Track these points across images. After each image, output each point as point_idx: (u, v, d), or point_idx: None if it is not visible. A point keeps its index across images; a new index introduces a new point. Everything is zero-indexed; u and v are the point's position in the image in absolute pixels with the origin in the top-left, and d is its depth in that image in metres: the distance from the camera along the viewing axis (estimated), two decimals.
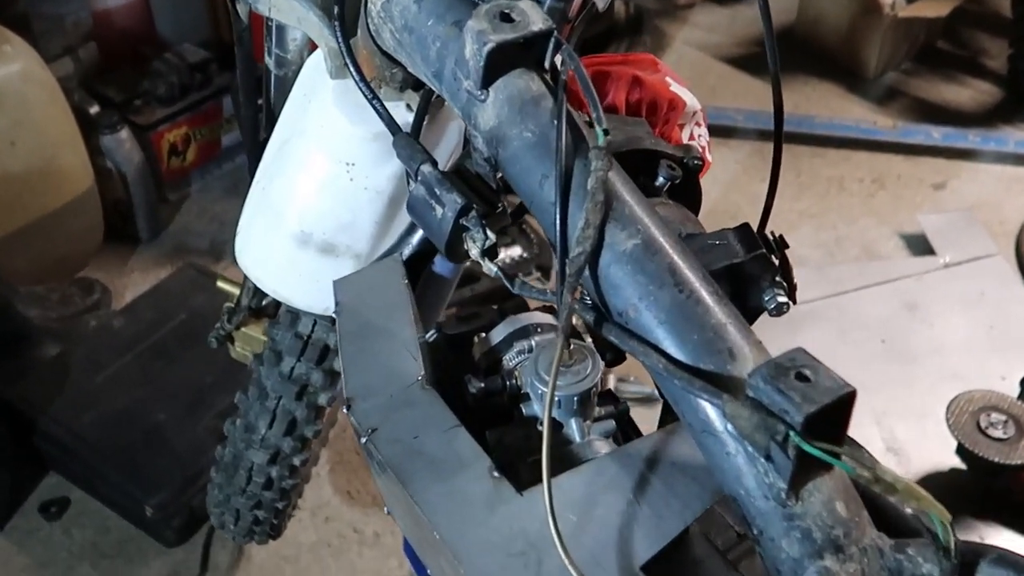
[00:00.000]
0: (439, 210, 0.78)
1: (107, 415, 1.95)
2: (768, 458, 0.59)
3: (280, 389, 1.24)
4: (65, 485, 2.00)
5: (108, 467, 1.88)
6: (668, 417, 0.96)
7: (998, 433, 1.90)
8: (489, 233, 0.77)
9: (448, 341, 0.99)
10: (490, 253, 0.78)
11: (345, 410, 0.77)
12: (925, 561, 0.60)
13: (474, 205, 0.77)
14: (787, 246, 0.91)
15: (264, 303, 1.46)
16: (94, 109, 2.45)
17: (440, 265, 1.35)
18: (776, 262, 0.90)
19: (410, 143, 0.81)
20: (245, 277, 1.40)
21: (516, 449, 0.80)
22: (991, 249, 2.52)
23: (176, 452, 1.89)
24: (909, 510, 0.66)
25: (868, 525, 0.63)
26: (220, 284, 1.50)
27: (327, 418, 1.44)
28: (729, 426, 0.62)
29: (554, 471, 0.72)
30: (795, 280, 0.91)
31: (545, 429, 0.64)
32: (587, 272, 0.70)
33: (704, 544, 0.82)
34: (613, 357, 0.96)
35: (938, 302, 2.38)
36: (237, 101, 2.50)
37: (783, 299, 0.88)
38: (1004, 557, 0.59)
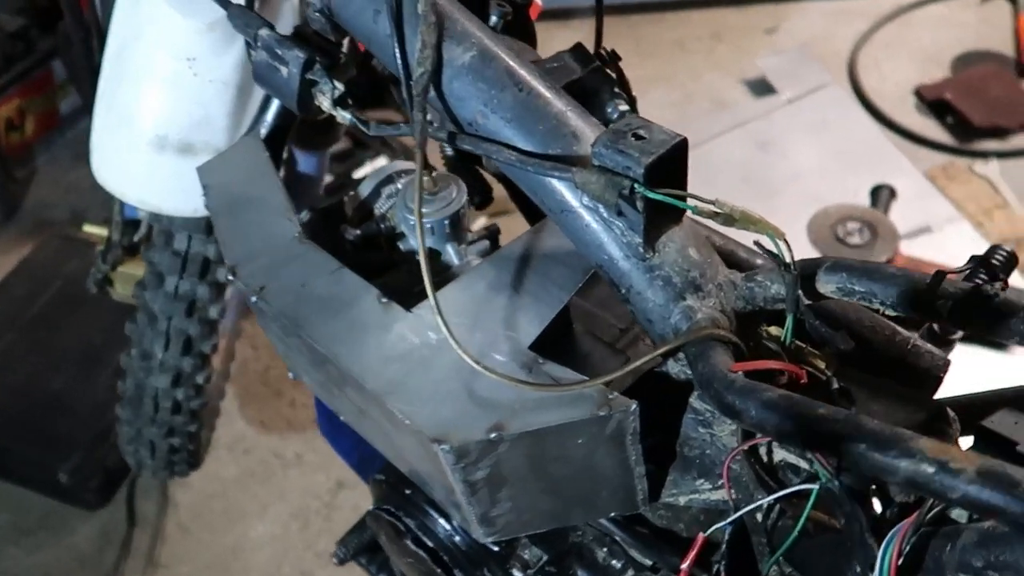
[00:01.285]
0: (284, 69, 0.81)
1: (2, 392, 1.91)
2: (620, 214, 0.65)
3: (169, 310, 1.25)
4: None
5: (14, 442, 1.86)
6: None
7: (855, 240, 2.04)
8: (337, 83, 0.80)
9: (323, 215, 1.02)
10: (342, 102, 0.81)
11: (230, 278, 0.80)
12: (772, 283, 0.68)
13: (317, 57, 0.80)
14: (619, 59, 0.96)
15: (137, 239, 1.46)
16: None
17: (304, 164, 1.37)
18: (613, 75, 0.95)
19: (243, 12, 0.83)
20: (111, 214, 1.39)
21: (401, 288, 0.84)
22: (826, 80, 2.66)
23: (80, 415, 1.87)
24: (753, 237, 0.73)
25: (720, 265, 0.70)
26: (86, 228, 1.49)
27: (224, 350, 1.45)
28: (584, 199, 0.68)
29: (437, 289, 0.77)
30: (633, 93, 0.97)
31: (419, 230, 0.68)
32: (433, 92, 0.74)
33: (590, 340, 0.89)
34: (481, 200, 1.01)
35: (787, 136, 2.51)
36: (65, 43, 2.40)
37: (624, 107, 0.94)
38: (838, 263, 0.66)
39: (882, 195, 2.27)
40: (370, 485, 0.94)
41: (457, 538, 0.84)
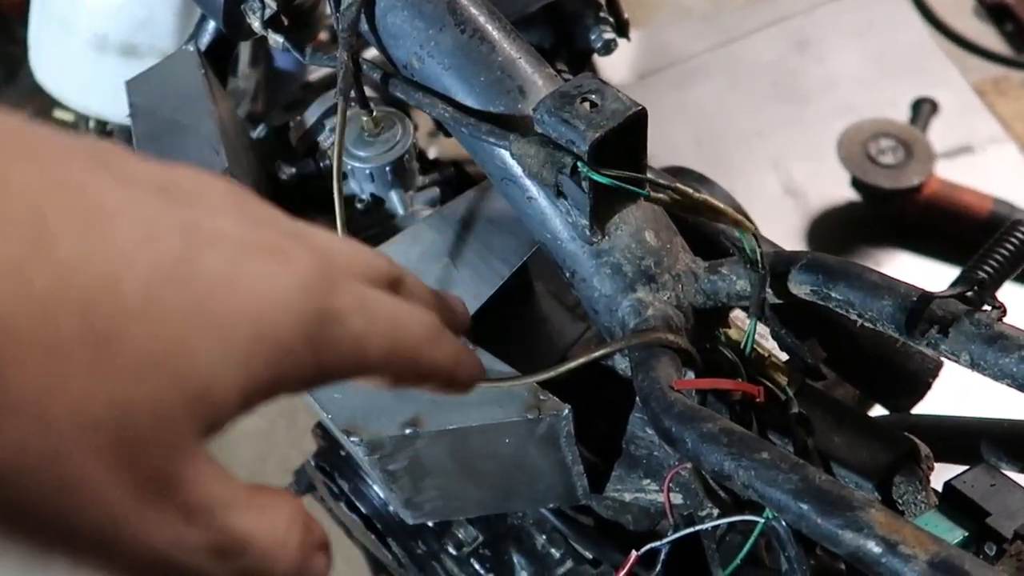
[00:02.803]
0: None
1: None
2: (561, 195, 0.56)
3: None
4: None
5: None
6: None
7: (888, 159, 1.91)
8: (268, 1, 0.70)
9: (276, 133, 0.93)
10: (274, 23, 0.71)
11: None
12: (739, 278, 0.59)
13: None
14: None
15: (109, 128, 1.37)
16: None
17: (282, 59, 1.27)
18: None
19: None
20: None
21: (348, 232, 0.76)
22: None
23: None
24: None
25: (682, 251, 0.61)
26: (57, 114, 1.41)
27: None
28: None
29: (376, 241, 0.69)
30: (625, 15, 0.86)
31: (336, 194, 0.60)
32: (366, 26, 0.64)
33: (550, 301, 0.80)
34: None
35: (828, 37, 2.33)
36: None
37: (610, 35, 0.83)
38: (815, 262, 0.57)
39: (924, 109, 2.12)
40: (312, 433, 0.88)
41: (391, 507, 0.78)
